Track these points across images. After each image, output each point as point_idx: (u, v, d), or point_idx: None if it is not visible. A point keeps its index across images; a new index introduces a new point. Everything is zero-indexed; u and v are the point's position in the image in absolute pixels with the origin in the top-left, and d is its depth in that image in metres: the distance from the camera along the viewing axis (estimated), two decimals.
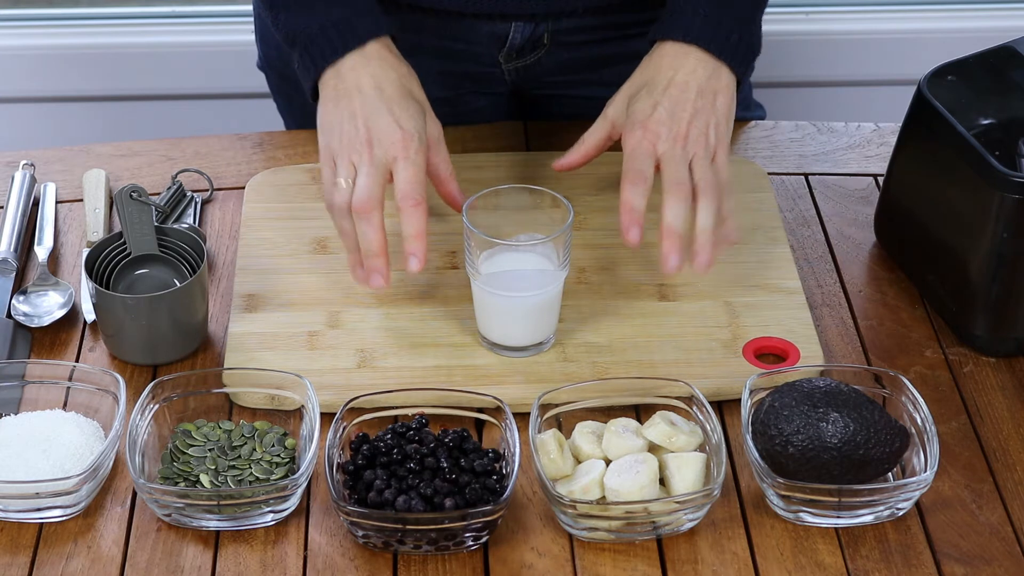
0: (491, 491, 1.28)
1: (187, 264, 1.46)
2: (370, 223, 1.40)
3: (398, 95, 1.45)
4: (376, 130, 1.42)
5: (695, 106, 1.45)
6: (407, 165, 1.41)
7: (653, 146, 1.43)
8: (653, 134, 1.43)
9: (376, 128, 1.42)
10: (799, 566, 1.28)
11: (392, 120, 1.43)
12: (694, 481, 1.29)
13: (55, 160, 1.69)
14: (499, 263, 1.41)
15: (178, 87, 2.41)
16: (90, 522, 1.31)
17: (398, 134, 1.42)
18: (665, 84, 1.46)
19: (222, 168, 1.68)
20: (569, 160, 1.52)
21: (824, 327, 1.49)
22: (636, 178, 1.42)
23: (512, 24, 1.64)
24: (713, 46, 1.47)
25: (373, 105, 1.44)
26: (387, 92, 1.45)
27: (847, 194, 1.65)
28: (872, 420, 1.28)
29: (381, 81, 1.45)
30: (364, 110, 1.43)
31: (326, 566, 1.27)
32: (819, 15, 2.45)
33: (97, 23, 2.42)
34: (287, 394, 1.37)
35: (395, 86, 1.45)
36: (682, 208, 1.41)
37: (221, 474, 1.31)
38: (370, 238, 1.40)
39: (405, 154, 1.41)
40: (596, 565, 1.28)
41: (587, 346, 1.45)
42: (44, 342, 1.47)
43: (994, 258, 1.41)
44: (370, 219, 1.40)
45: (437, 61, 1.68)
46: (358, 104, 1.44)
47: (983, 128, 1.44)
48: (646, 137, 1.44)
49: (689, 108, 1.45)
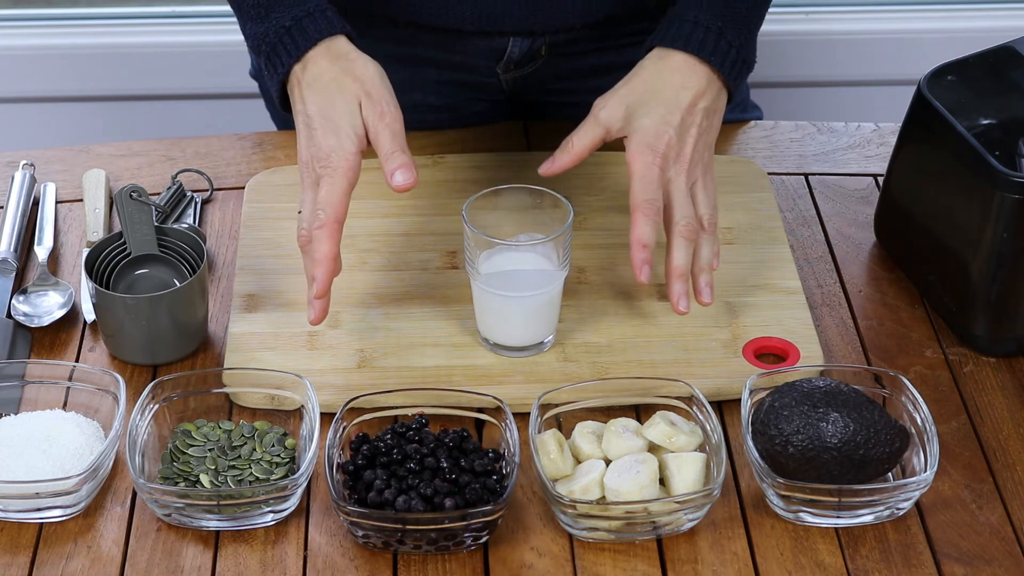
0: (491, 491, 1.28)
1: (187, 264, 1.46)
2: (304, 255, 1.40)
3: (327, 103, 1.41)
4: (302, 152, 1.41)
5: (700, 128, 1.44)
6: (324, 184, 1.38)
7: (662, 171, 1.42)
8: (663, 158, 1.42)
9: (302, 150, 1.41)
10: (799, 566, 1.28)
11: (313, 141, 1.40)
12: (694, 481, 1.29)
13: (55, 160, 1.69)
14: (499, 263, 1.41)
15: (178, 87, 2.41)
16: (90, 522, 1.31)
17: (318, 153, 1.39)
18: (676, 103, 1.44)
19: (222, 168, 1.68)
20: (557, 164, 1.48)
21: (824, 327, 1.49)
22: (648, 210, 1.40)
23: (510, 39, 1.64)
24: (715, 58, 1.46)
25: (303, 122, 1.42)
26: (314, 105, 1.41)
27: (847, 194, 1.65)
28: (872, 420, 1.28)
29: (311, 93, 1.42)
30: (300, 133, 1.42)
31: (326, 566, 1.27)
32: (819, 15, 2.45)
33: (97, 23, 2.42)
34: (287, 394, 1.37)
35: (324, 93, 1.42)
36: (690, 250, 1.42)
37: (221, 474, 1.31)
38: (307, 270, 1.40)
39: (325, 172, 1.39)
40: (596, 565, 1.28)
41: (587, 346, 1.45)
42: (44, 342, 1.47)
43: (994, 258, 1.41)
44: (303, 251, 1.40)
45: (435, 71, 1.69)
46: (301, 124, 1.42)
47: (983, 128, 1.44)
48: (655, 161, 1.42)
49: (694, 131, 1.44)
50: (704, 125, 1.45)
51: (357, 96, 1.41)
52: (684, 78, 1.46)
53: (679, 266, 1.42)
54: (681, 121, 1.43)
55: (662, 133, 1.43)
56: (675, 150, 1.43)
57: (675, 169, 1.42)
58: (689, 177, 1.43)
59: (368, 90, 1.41)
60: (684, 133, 1.43)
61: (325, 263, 1.38)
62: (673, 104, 1.44)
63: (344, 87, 1.41)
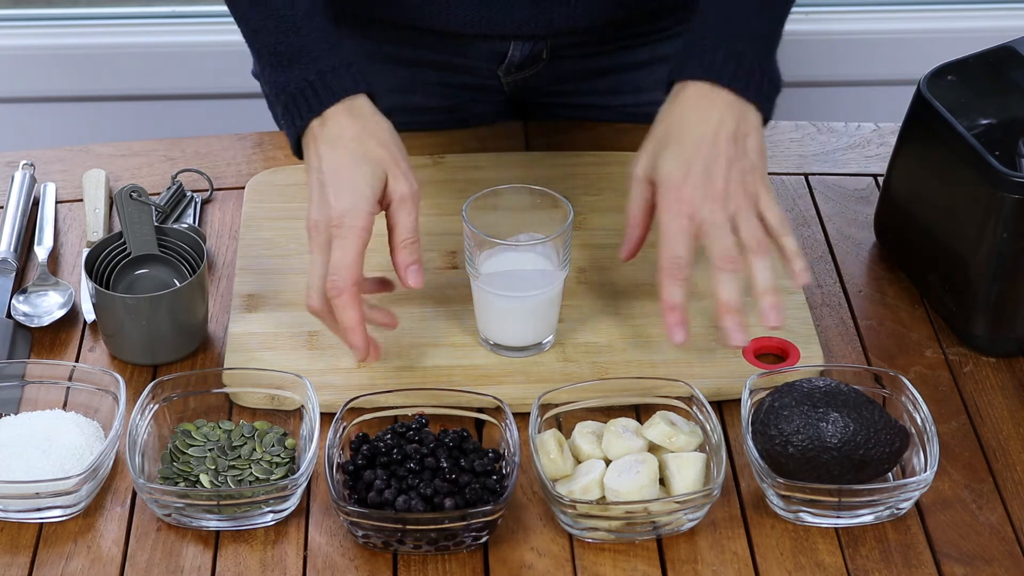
0: (491, 491, 1.28)
1: (187, 264, 1.46)
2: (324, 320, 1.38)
3: (347, 163, 1.37)
4: (313, 212, 1.36)
5: (728, 157, 1.36)
6: (337, 246, 1.35)
7: (691, 219, 1.35)
8: (689, 204, 1.35)
9: (315, 212, 1.36)
10: (799, 566, 1.28)
11: (325, 201, 1.36)
12: (694, 481, 1.29)
13: (55, 160, 1.69)
14: (499, 263, 1.41)
15: (178, 87, 2.42)
16: (90, 522, 1.31)
17: (332, 214, 1.35)
18: (695, 140, 1.37)
19: (222, 168, 1.68)
20: (630, 241, 1.42)
21: (824, 327, 1.49)
22: (673, 270, 1.35)
23: (511, 42, 1.64)
24: (737, 83, 1.39)
25: (317, 180, 1.37)
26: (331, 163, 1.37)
27: (847, 194, 1.65)
28: (872, 420, 1.28)
29: (329, 151, 1.38)
30: (312, 191, 1.38)
31: (326, 566, 1.27)
32: (819, 15, 2.45)
33: (97, 23, 2.42)
34: (287, 394, 1.37)
35: (344, 153, 1.37)
36: (736, 281, 1.35)
37: (221, 474, 1.31)
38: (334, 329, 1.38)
39: (339, 233, 1.35)
40: (596, 565, 1.28)
41: (587, 346, 1.45)
42: (44, 342, 1.47)
43: (994, 258, 1.41)
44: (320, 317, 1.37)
45: (436, 73, 1.68)
46: (314, 181, 1.38)
47: (983, 128, 1.44)
48: (683, 211, 1.35)
49: (723, 161, 1.36)
50: (732, 153, 1.37)
51: (383, 163, 1.37)
52: (699, 111, 1.39)
53: (726, 301, 1.35)
54: (704, 158, 1.36)
55: (686, 176, 1.36)
56: (701, 189, 1.35)
57: (707, 208, 1.35)
58: (726, 209, 1.35)
59: (396, 159, 1.38)
60: (710, 168, 1.36)
61: (358, 329, 1.35)
62: (693, 143, 1.37)
63: (369, 151, 1.38)
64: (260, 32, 1.43)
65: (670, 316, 1.36)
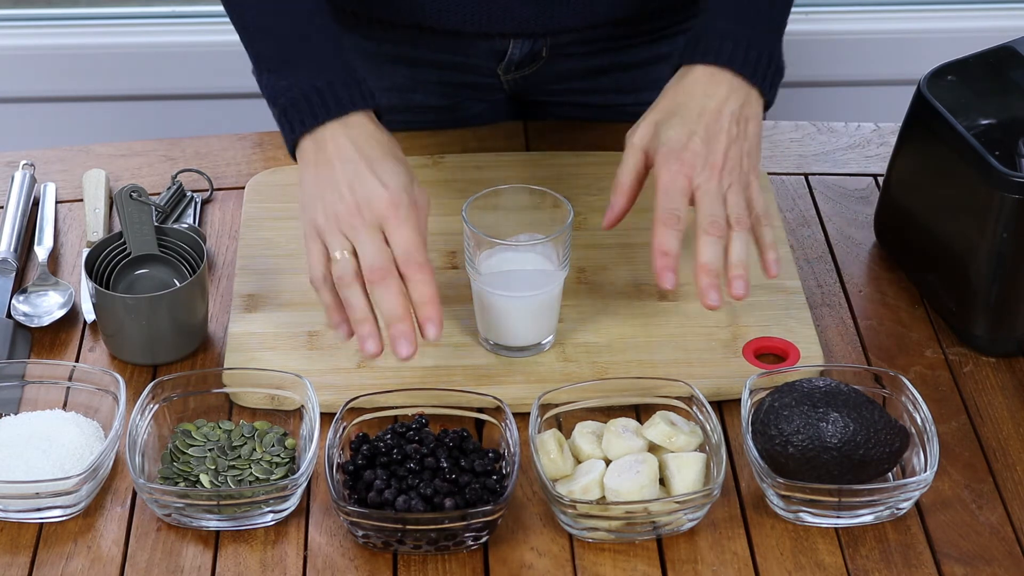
0: (491, 491, 1.28)
1: (187, 264, 1.46)
2: (388, 288, 1.34)
3: (380, 155, 1.37)
4: (361, 194, 1.36)
5: (729, 134, 1.40)
6: (399, 225, 1.35)
7: (688, 180, 1.38)
8: (688, 166, 1.38)
9: (361, 192, 1.36)
10: (799, 566, 1.28)
11: (376, 181, 1.36)
12: (694, 481, 1.29)
13: (55, 160, 1.69)
14: (499, 263, 1.41)
15: (178, 87, 2.42)
16: (90, 522, 1.31)
17: (384, 195, 1.35)
18: (699, 111, 1.41)
19: (222, 168, 1.68)
20: (615, 208, 1.44)
21: (824, 327, 1.49)
22: (669, 220, 1.38)
23: (511, 41, 1.64)
24: (745, 69, 1.42)
25: (354, 169, 1.36)
26: (368, 153, 1.37)
27: (847, 194, 1.65)
28: (872, 420, 1.28)
29: (361, 144, 1.38)
30: (346, 176, 1.36)
31: (326, 566, 1.27)
32: (819, 15, 2.45)
33: (97, 23, 2.42)
34: (287, 394, 1.37)
35: (377, 148, 1.38)
36: (718, 246, 1.37)
37: (221, 474, 1.31)
38: (392, 303, 1.34)
39: (395, 213, 1.35)
40: (596, 565, 1.28)
41: (587, 346, 1.45)
42: (44, 342, 1.47)
43: (994, 258, 1.41)
44: (388, 285, 1.34)
45: (436, 72, 1.68)
46: (339, 171, 1.37)
47: (983, 128, 1.44)
48: (681, 170, 1.38)
49: (724, 137, 1.40)
50: (735, 132, 1.40)
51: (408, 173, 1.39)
52: (706, 87, 1.42)
53: (705, 263, 1.37)
54: (706, 128, 1.40)
55: (687, 142, 1.39)
56: (702, 157, 1.39)
57: (704, 175, 1.39)
58: (721, 182, 1.39)
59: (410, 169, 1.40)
60: (711, 140, 1.39)
61: (435, 302, 1.35)
62: (697, 113, 1.41)
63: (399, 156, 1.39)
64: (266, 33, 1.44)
65: (661, 260, 1.37)
